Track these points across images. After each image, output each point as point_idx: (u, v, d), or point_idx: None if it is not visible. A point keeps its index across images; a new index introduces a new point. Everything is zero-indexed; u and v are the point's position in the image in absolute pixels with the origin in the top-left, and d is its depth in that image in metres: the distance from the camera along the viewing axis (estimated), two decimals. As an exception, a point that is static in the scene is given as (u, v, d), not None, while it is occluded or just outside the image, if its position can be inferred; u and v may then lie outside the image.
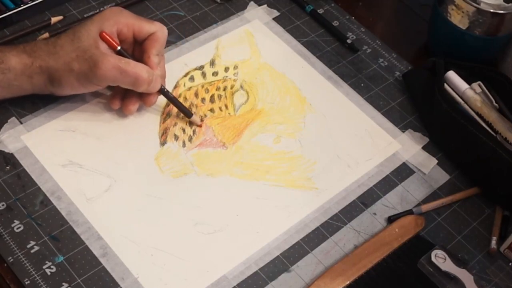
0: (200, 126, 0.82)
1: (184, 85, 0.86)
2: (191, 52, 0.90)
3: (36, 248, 0.70)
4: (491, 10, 0.87)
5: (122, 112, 0.81)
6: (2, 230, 0.70)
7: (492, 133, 0.82)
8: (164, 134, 0.81)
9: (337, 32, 0.96)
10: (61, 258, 0.69)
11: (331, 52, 0.94)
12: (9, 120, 0.79)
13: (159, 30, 0.79)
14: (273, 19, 0.96)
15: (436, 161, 0.84)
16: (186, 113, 0.81)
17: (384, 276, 0.73)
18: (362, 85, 0.91)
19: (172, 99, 0.81)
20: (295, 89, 0.89)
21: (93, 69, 0.74)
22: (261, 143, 0.82)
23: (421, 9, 1.03)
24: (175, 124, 0.82)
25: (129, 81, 0.76)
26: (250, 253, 0.73)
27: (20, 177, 0.75)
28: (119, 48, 0.77)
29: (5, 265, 0.68)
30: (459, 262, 0.74)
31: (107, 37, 0.76)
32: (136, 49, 0.80)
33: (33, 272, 0.68)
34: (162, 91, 0.79)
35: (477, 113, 0.84)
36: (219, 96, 0.86)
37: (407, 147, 0.85)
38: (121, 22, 0.78)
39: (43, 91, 0.78)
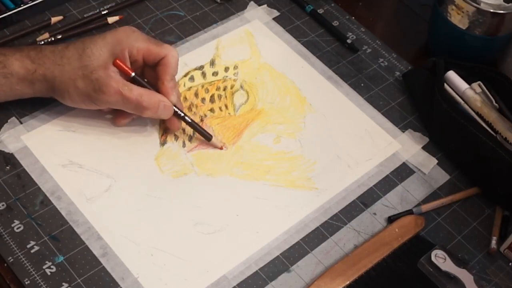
0: (221, 148, 0.80)
1: (184, 85, 0.86)
2: (191, 52, 0.90)
3: (36, 248, 0.70)
4: (491, 10, 0.87)
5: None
6: (2, 230, 0.70)
7: (492, 133, 0.82)
8: (164, 134, 0.81)
9: (337, 32, 0.96)
10: (61, 258, 0.69)
11: (331, 52, 0.94)
12: (9, 120, 0.79)
13: (169, 54, 0.77)
14: (273, 19, 0.96)
15: (436, 161, 0.84)
16: (206, 136, 0.80)
17: (384, 276, 0.73)
18: (362, 85, 0.91)
19: (190, 124, 0.79)
20: (295, 89, 0.89)
21: (97, 92, 0.73)
22: (261, 143, 0.82)
23: (421, 9, 1.03)
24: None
25: (131, 108, 0.75)
26: (250, 253, 0.73)
27: (20, 177, 0.75)
28: (133, 74, 0.76)
29: (5, 265, 0.68)
30: (459, 262, 0.74)
31: (122, 65, 0.75)
32: (147, 71, 0.79)
33: (33, 272, 0.68)
34: (178, 116, 0.78)
35: (477, 113, 0.84)
36: (219, 96, 0.86)
37: (407, 147, 0.85)
38: (133, 46, 0.76)
39: (45, 96, 0.77)
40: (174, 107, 0.77)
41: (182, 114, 0.79)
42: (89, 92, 0.74)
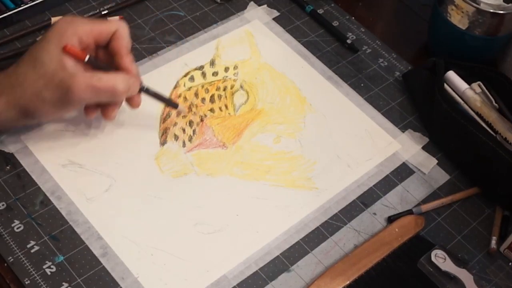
0: (187, 113, 0.80)
1: (184, 85, 0.86)
2: (191, 52, 0.90)
3: (36, 248, 0.70)
4: (491, 10, 0.87)
5: (119, 114, 0.79)
6: (2, 230, 0.70)
7: (492, 133, 0.82)
8: (164, 134, 0.81)
9: (337, 32, 0.96)
10: (61, 258, 0.69)
11: (331, 52, 0.94)
12: (9, 120, 0.79)
13: (120, 27, 0.73)
14: (273, 19, 0.96)
15: (436, 161, 0.84)
16: (172, 105, 0.79)
17: (384, 276, 0.73)
18: (362, 85, 0.91)
19: (154, 95, 0.77)
20: (295, 89, 0.89)
21: (67, 95, 0.69)
22: (261, 143, 0.82)
23: (421, 9, 1.03)
24: (175, 124, 0.82)
25: (106, 96, 0.72)
26: (250, 253, 0.73)
27: (20, 177, 0.75)
28: (87, 57, 0.72)
29: (5, 265, 0.68)
30: (459, 262, 0.74)
31: (73, 50, 0.70)
32: (100, 52, 0.75)
33: (33, 272, 0.68)
34: (142, 90, 0.76)
35: (477, 113, 0.84)
36: (219, 96, 0.86)
37: (407, 147, 0.85)
38: (79, 30, 0.71)
39: (15, 125, 0.74)
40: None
41: (146, 87, 0.76)
42: (59, 98, 0.70)
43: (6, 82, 0.71)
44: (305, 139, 0.84)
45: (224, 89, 0.87)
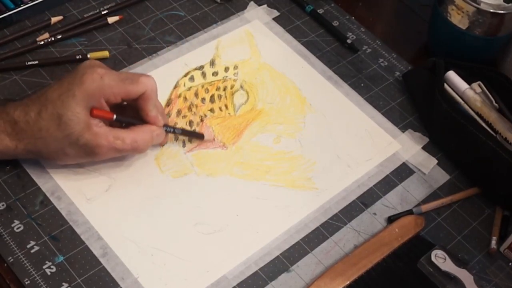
0: (213, 140, 0.81)
1: (184, 85, 0.86)
2: (191, 52, 0.90)
3: (36, 248, 0.70)
4: (491, 10, 0.87)
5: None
6: (2, 230, 0.70)
7: (492, 133, 0.82)
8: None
9: (337, 32, 0.96)
10: (61, 258, 0.69)
11: (331, 52, 0.94)
12: (9, 120, 0.79)
13: (148, 88, 0.73)
14: (273, 19, 0.96)
15: (436, 161, 0.84)
16: (198, 136, 0.81)
17: (384, 276, 0.73)
18: (362, 85, 0.91)
19: (181, 133, 0.80)
20: (295, 89, 0.89)
21: (91, 155, 0.72)
22: (261, 143, 0.82)
23: (421, 9, 1.03)
24: (175, 124, 0.82)
25: (128, 153, 0.75)
26: (250, 253, 0.73)
27: (20, 177, 0.75)
28: (115, 117, 0.73)
29: (5, 265, 0.68)
30: (459, 262, 0.74)
31: (101, 114, 0.71)
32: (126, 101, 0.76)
33: (33, 272, 0.68)
34: (169, 132, 0.78)
35: (477, 113, 0.84)
36: (219, 96, 0.86)
37: (407, 147, 0.85)
38: (107, 92, 0.71)
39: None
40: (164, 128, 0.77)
41: (172, 129, 0.78)
42: (82, 156, 0.72)
43: (27, 131, 0.70)
44: (305, 139, 0.84)
45: (224, 89, 0.87)
